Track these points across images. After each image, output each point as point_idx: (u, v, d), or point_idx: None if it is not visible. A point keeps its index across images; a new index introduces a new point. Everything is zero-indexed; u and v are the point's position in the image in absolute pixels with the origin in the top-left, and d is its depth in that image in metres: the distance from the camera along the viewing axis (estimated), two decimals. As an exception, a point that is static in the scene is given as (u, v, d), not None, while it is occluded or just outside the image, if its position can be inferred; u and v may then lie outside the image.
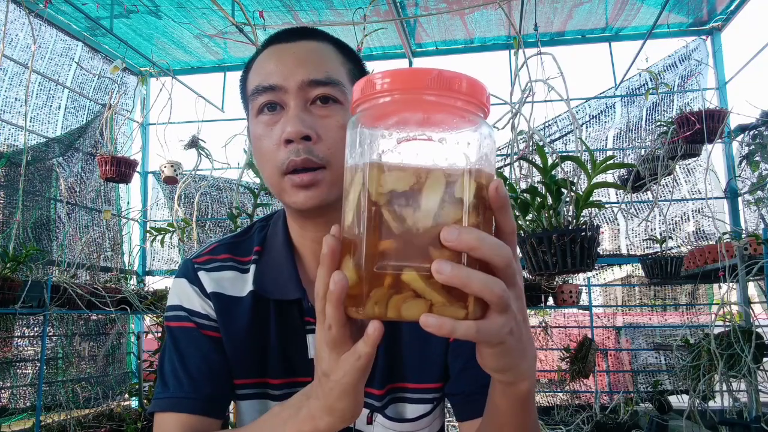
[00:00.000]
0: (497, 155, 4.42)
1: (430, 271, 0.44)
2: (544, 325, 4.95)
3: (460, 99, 0.47)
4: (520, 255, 1.78)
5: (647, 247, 4.76)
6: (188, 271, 0.88)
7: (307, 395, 0.62)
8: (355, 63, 0.86)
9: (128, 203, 5.23)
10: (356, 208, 0.47)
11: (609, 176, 4.01)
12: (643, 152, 4.03)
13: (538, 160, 1.74)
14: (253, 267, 0.88)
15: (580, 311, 5.07)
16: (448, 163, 0.46)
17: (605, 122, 5.01)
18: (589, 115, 5.02)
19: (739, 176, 4.28)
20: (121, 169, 3.79)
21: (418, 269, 0.44)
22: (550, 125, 4.94)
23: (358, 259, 0.45)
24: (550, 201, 1.70)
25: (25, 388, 3.87)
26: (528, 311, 0.56)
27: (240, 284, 0.87)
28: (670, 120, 3.79)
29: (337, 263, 0.48)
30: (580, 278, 4.64)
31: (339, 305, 0.47)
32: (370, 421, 0.85)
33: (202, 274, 0.87)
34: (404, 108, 0.47)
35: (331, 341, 0.50)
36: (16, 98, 3.99)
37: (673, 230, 4.80)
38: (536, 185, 1.77)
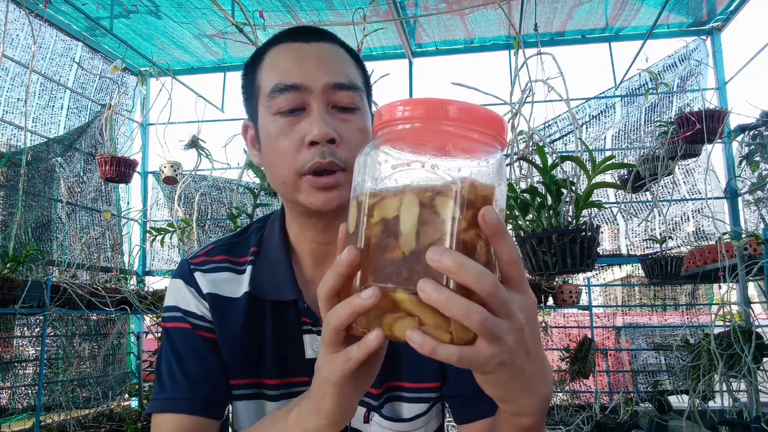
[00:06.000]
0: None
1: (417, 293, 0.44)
2: (544, 325, 4.95)
3: (476, 131, 0.48)
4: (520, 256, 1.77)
5: (647, 247, 4.76)
6: (184, 272, 0.88)
7: (303, 396, 0.62)
8: (362, 69, 0.86)
9: (128, 203, 5.23)
10: (356, 228, 0.48)
11: (609, 176, 4.02)
12: (643, 152, 4.03)
13: (538, 160, 1.74)
14: (249, 268, 0.88)
15: (580, 311, 5.07)
16: (439, 186, 0.46)
17: (605, 122, 5.00)
18: (589, 115, 5.02)
19: (739, 176, 4.27)
20: (121, 169, 3.79)
21: (409, 290, 0.45)
22: (550, 125, 4.94)
23: (359, 277, 0.47)
24: (550, 201, 1.71)
25: (25, 388, 3.87)
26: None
27: (235, 285, 0.87)
28: (670, 120, 3.79)
29: (351, 274, 0.48)
30: (580, 278, 4.64)
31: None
32: (367, 420, 0.85)
33: (198, 275, 0.87)
34: (416, 136, 0.48)
35: (326, 338, 0.50)
36: (18, 99, 3.99)
37: (673, 230, 4.80)
38: (536, 185, 1.77)
